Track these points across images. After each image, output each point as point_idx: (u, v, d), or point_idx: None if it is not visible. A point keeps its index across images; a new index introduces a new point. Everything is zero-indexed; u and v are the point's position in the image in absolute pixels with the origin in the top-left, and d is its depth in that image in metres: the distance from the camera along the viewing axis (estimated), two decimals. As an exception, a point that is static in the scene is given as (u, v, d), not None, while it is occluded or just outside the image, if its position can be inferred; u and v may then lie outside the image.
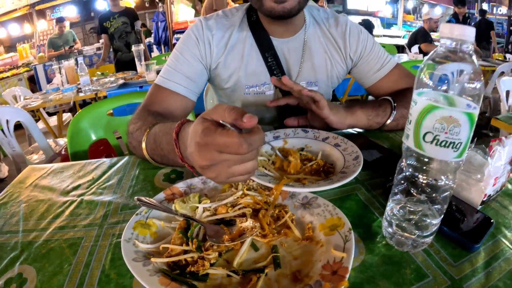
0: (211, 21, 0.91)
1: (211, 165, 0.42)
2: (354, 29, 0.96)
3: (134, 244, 0.44)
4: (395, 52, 4.32)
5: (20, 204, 0.64)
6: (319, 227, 0.47)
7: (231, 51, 0.91)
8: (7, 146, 2.16)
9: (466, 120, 0.35)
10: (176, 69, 0.86)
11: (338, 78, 1.02)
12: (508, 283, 0.42)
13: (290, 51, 0.94)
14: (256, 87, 0.95)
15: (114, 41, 3.68)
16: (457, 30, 0.35)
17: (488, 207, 0.56)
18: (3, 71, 6.21)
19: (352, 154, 0.66)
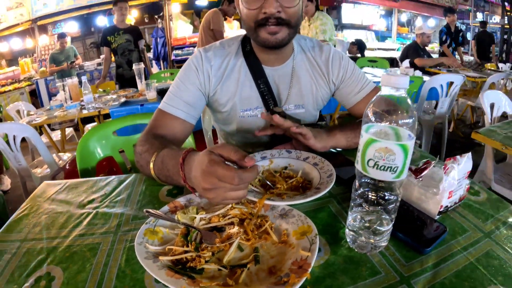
0: (210, 52, 1.02)
1: (211, 188, 0.55)
2: (336, 56, 1.09)
3: (145, 246, 0.55)
4: (387, 66, 4.42)
5: (41, 215, 0.74)
6: (293, 233, 0.58)
7: (227, 79, 1.03)
8: (13, 160, 2.26)
9: (399, 150, 0.47)
10: (177, 96, 0.98)
11: (323, 100, 1.13)
12: (453, 281, 0.51)
13: (280, 78, 1.06)
14: (249, 111, 1.06)
15: (116, 57, 3.77)
16: (394, 80, 0.47)
17: (448, 217, 0.67)
18: (5, 84, 6.31)
19: (327, 172, 0.78)
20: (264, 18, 0.88)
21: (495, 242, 0.60)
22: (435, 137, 3.46)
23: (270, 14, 0.87)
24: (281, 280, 0.48)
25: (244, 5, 0.90)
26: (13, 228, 0.70)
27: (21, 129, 2.19)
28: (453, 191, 0.65)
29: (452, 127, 4.14)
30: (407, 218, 0.64)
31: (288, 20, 0.89)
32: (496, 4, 10.49)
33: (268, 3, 0.86)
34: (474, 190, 0.77)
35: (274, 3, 0.85)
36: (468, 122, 4.53)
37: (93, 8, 6.49)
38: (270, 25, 0.88)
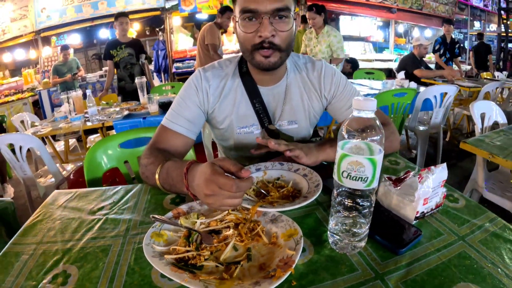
0: (209, 72, 1.11)
1: (211, 194, 0.65)
2: (328, 72, 1.17)
3: (151, 247, 0.63)
4: (384, 77, 4.50)
5: (55, 221, 0.82)
6: (281, 235, 0.66)
7: (225, 98, 1.11)
8: (19, 169, 2.34)
9: (368, 163, 0.56)
10: (178, 113, 1.07)
11: (315, 115, 1.21)
12: (424, 279, 0.58)
13: (274, 96, 1.14)
14: (246, 128, 1.14)
15: (119, 70, 3.85)
16: (363, 103, 0.56)
17: (425, 222, 0.74)
18: (8, 94, 6.42)
19: (315, 182, 0.86)
20: (260, 42, 0.96)
21: (468, 245, 0.67)
22: (431, 147, 3.54)
23: (265, 37, 0.95)
24: (269, 274, 0.56)
25: (241, 29, 0.98)
26: (28, 232, 0.78)
27: (27, 140, 2.27)
28: (428, 198, 0.72)
29: (448, 136, 4.22)
30: (386, 223, 0.72)
31: (280, 46, 0.97)
32: (493, 13, 10.63)
33: (263, 27, 0.93)
34: (454, 198, 0.85)
35: (268, 27, 0.93)
36: (465, 131, 4.61)
37: (95, 21, 6.57)
38: (264, 49, 0.96)
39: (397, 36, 9.67)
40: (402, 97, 2.62)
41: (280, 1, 0.93)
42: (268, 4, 0.92)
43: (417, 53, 4.26)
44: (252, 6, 0.93)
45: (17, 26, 6.64)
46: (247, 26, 0.96)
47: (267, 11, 0.93)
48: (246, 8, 0.94)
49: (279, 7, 0.93)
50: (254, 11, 0.93)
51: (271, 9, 0.93)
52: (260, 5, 0.92)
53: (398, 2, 7.86)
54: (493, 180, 1.95)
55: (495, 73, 6.04)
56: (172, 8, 6.65)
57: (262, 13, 0.93)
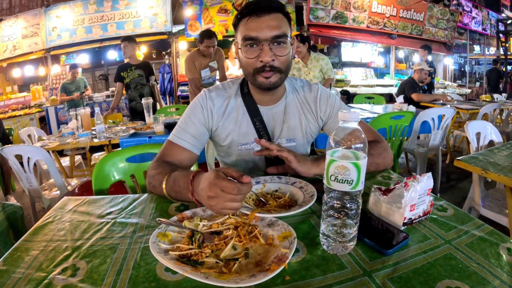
0: (213, 93, 1.20)
1: (214, 196, 0.71)
2: (324, 94, 1.26)
3: (157, 244, 0.69)
4: (384, 102, 4.64)
5: (65, 223, 0.88)
6: (277, 237, 0.72)
7: (227, 117, 1.20)
8: (25, 181, 2.40)
9: (352, 167, 0.62)
10: (185, 130, 1.15)
11: (311, 135, 1.29)
12: (410, 276, 0.62)
13: (273, 115, 1.22)
14: (247, 145, 1.22)
15: (130, 91, 3.97)
16: (347, 115, 0.63)
17: (413, 228, 0.79)
18: (16, 109, 6.59)
19: (310, 193, 0.93)
20: (261, 66, 1.06)
21: (454, 247, 0.71)
22: (431, 169, 3.58)
23: (266, 62, 1.05)
24: (264, 268, 0.61)
25: (244, 55, 1.08)
26: (39, 231, 0.84)
27: (36, 152, 2.34)
28: (415, 205, 0.78)
29: (448, 158, 4.27)
30: (375, 228, 0.77)
31: (279, 68, 1.08)
32: (491, 36, 10.82)
33: (264, 53, 1.04)
34: (442, 207, 0.90)
35: (269, 52, 1.04)
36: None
37: (104, 42, 6.76)
38: (265, 71, 1.07)
39: (398, 61, 9.82)
40: (400, 119, 2.69)
41: (278, 29, 1.04)
42: (268, 32, 1.03)
43: (417, 78, 4.37)
44: (253, 34, 1.03)
45: (28, 43, 6.84)
46: (249, 52, 1.07)
47: (266, 38, 1.03)
48: (247, 36, 1.04)
49: (277, 34, 1.04)
50: (255, 38, 1.04)
51: (270, 37, 1.03)
52: (260, 33, 1.03)
53: (398, 28, 8.07)
54: (491, 198, 2.00)
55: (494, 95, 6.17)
56: (178, 32, 6.87)
57: (262, 40, 1.03)
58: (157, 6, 6.68)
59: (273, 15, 1.04)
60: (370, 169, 1.13)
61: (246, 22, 1.05)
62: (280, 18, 1.06)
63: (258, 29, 1.03)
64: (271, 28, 1.03)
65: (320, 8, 7.10)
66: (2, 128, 3.72)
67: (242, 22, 1.07)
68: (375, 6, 7.60)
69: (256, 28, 1.03)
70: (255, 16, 1.03)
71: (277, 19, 1.05)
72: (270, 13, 1.04)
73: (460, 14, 9.14)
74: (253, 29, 1.03)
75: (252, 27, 1.04)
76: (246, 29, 1.05)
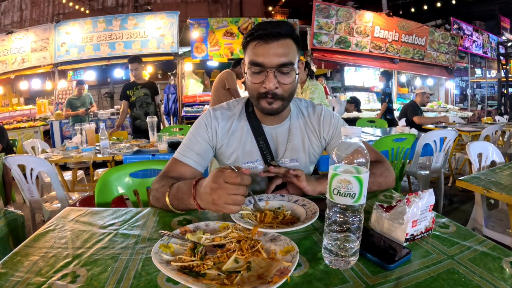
0: (218, 112, 1.23)
1: (217, 188, 0.75)
2: (327, 115, 1.28)
3: (159, 255, 0.69)
4: (386, 125, 4.67)
5: (66, 231, 0.88)
6: (279, 252, 0.72)
7: (232, 135, 1.21)
8: (26, 191, 2.40)
9: (355, 180, 0.63)
10: (189, 147, 1.18)
11: (314, 155, 1.30)
12: None
13: (277, 135, 1.24)
14: (250, 163, 1.23)
15: (135, 109, 4.02)
16: (349, 130, 0.65)
17: (415, 244, 0.79)
18: (21, 121, 6.66)
19: (312, 210, 0.93)
20: (265, 92, 1.08)
21: (456, 262, 0.71)
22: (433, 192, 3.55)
23: (269, 89, 1.07)
24: (266, 281, 0.61)
25: (249, 79, 1.10)
26: (40, 238, 0.84)
27: (39, 163, 2.36)
28: (417, 221, 0.78)
29: (450, 181, 4.25)
30: (377, 244, 0.77)
31: (282, 95, 1.10)
32: (492, 59, 10.95)
33: (268, 80, 1.06)
34: (444, 224, 0.90)
35: (273, 80, 1.06)
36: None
37: (111, 60, 6.91)
38: (268, 97, 1.09)
39: (400, 86, 9.93)
40: (402, 142, 2.70)
41: (284, 56, 1.05)
42: (274, 59, 1.04)
43: (419, 101, 4.43)
44: (260, 60, 1.05)
45: (36, 56, 6.99)
46: (254, 76, 1.09)
47: (272, 65, 1.05)
48: (254, 61, 1.06)
49: (283, 63, 1.05)
50: (261, 65, 1.05)
51: (276, 64, 1.05)
52: (266, 59, 1.04)
53: (400, 53, 8.21)
54: (494, 218, 2.00)
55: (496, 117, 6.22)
56: (184, 54, 7.02)
57: (268, 67, 1.05)
58: (165, 27, 6.85)
59: (281, 42, 1.04)
60: (372, 188, 1.13)
61: (254, 47, 1.06)
62: (289, 44, 1.06)
63: (264, 55, 1.04)
64: (277, 56, 1.04)
65: (323, 33, 7.26)
66: (6, 138, 3.75)
67: (250, 45, 1.08)
68: (377, 31, 7.77)
69: (263, 54, 1.04)
70: (263, 42, 1.04)
71: (285, 46, 1.05)
72: (278, 39, 1.04)
73: (461, 38, 9.31)
74: (260, 55, 1.04)
75: (259, 52, 1.05)
76: (253, 53, 1.06)
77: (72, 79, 7.73)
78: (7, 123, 6.45)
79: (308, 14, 7.35)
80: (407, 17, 8.51)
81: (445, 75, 9.30)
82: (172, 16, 6.87)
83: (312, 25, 7.11)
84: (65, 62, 6.97)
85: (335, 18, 7.25)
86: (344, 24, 7.37)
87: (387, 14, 7.96)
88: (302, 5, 12.03)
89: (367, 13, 7.61)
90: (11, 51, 7.07)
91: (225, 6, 9.53)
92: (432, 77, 9.62)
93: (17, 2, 9.97)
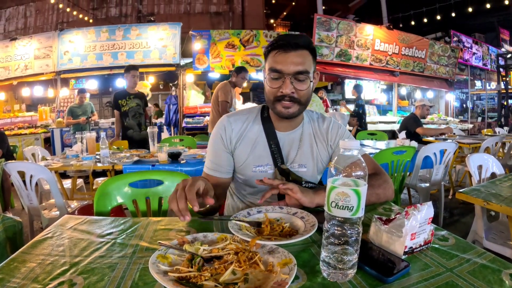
0: (232, 117, 1.31)
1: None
2: (335, 125, 1.35)
3: (157, 265, 0.69)
4: (386, 138, 4.66)
5: (64, 239, 0.88)
6: (277, 264, 0.72)
7: (245, 138, 1.28)
8: (25, 198, 2.40)
9: (353, 193, 0.63)
10: (213, 161, 1.29)
11: (322, 163, 1.34)
12: None
13: (289, 141, 1.30)
14: (261, 167, 1.28)
15: (128, 119, 3.95)
16: (348, 143, 0.66)
17: (414, 257, 0.78)
18: (22, 127, 6.69)
19: (311, 223, 0.93)
20: (281, 95, 1.16)
21: (455, 275, 0.70)
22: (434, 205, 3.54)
23: (285, 94, 1.15)
24: (263, 292, 0.60)
25: (268, 84, 1.19)
26: (37, 245, 0.84)
27: (39, 170, 2.36)
28: (416, 233, 0.78)
29: (451, 193, 4.24)
30: (376, 257, 0.77)
31: (299, 99, 1.18)
32: (492, 71, 11.03)
33: (285, 85, 1.14)
34: (444, 237, 0.90)
35: (289, 85, 1.14)
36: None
37: (113, 70, 6.97)
38: (285, 101, 1.16)
39: (400, 98, 9.98)
40: (402, 154, 2.70)
41: (301, 65, 1.14)
42: (292, 67, 1.13)
43: (419, 113, 4.44)
44: (278, 67, 1.14)
45: (39, 64, 7.08)
46: (272, 82, 1.18)
47: (289, 72, 1.14)
48: (273, 67, 1.16)
49: (299, 70, 1.14)
50: (279, 71, 1.15)
51: (293, 71, 1.14)
52: (284, 67, 1.14)
53: (400, 66, 8.28)
54: (494, 230, 1.99)
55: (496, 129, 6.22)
56: (186, 65, 7.08)
57: (285, 73, 1.14)
58: (167, 38, 6.93)
59: (299, 52, 1.14)
60: (371, 199, 1.14)
61: (274, 55, 1.16)
62: (305, 55, 1.16)
63: (283, 63, 1.14)
64: (295, 64, 1.13)
65: (324, 46, 7.34)
66: (7, 144, 3.76)
67: (271, 54, 1.18)
68: (378, 44, 7.84)
69: (281, 62, 1.14)
70: (282, 51, 1.14)
71: (302, 56, 1.15)
72: (296, 50, 1.14)
73: (461, 50, 9.40)
74: (279, 63, 1.14)
75: (278, 60, 1.15)
76: (273, 61, 1.16)
77: (74, 88, 7.78)
78: (8, 129, 6.48)
79: (309, 27, 7.44)
80: (407, 30, 8.63)
81: (445, 88, 9.36)
82: (175, 27, 6.97)
83: (313, 38, 7.18)
84: (68, 70, 7.05)
85: (336, 31, 7.34)
86: (344, 37, 7.46)
87: (388, 27, 8.05)
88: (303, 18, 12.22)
89: (367, 26, 7.70)
90: (15, 58, 7.16)
91: (227, 19, 9.67)
92: (432, 89, 9.69)
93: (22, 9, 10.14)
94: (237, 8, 9.84)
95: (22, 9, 10.10)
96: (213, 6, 9.81)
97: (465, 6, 9.45)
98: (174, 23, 7.08)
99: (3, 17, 10.17)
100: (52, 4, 9.40)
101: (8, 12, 10.17)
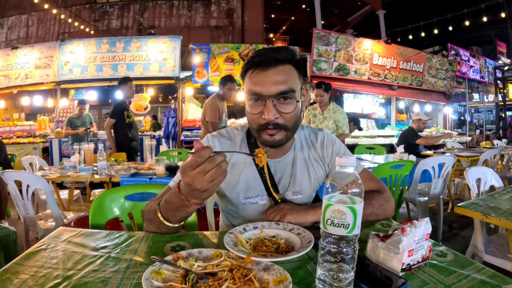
0: (216, 140, 1.16)
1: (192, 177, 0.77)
2: (329, 140, 1.24)
3: (150, 281, 0.68)
4: (384, 152, 4.68)
5: (58, 252, 0.87)
6: (272, 281, 0.71)
7: (231, 168, 1.13)
8: (22, 208, 2.38)
9: (349, 211, 0.63)
10: None
11: (319, 182, 1.25)
12: None
13: (281, 168, 1.17)
14: (251, 198, 1.15)
15: (132, 130, 4.01)
16: (344, 160, 0.66)
17: (412, 274, 0.77)
18: (21, 136, 6.69)
19: (307, 240, 0.92)
20: (265, 123, 1.01)
21: None
22: (433, 219, 3.52)
23: (268, 120, 1.00)
24: (257, 310, 0.59)
25: (248, 110, 1.04)
26: (31, 256, 0.83)
27: (36, 180, 2.35)
28: (413, 250, 0.77)
29: (450, 207, 4.22)
30: (373, 274, 0.76)
31: (285, 125, 1.03)
32: (489, 84, 11.10)
33: (267, 111, 0.99)
34: (442, 253, 0.89)
35: (272, 110, 0.99)
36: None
37: (113, 81, 6.96)
38: (269, 129, 1.02)
39: (399, 112, 10.02)
40: (400, 168, 2.70)
41: (284, 84, 0.99)
42: (272, 87, 0.98)
43: (416, 127, 4.48)
44: (257, 89, 0.99)
45: (40, 73, 7.13)
46: (253, 106, 1.03)
47: (270, 94, 0.98)
48: (251, 90, 1.01)
49: (283, 90, 0.99)
50: (259, 94, 1.00)
51: (275, 93, 0.98)
52: (264, 88, 0.98)
53: (398, 80, 8.35)
54: (494, 244, 1.98)
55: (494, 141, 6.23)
56: (186, 78, 7.14)
57: (266, 96, 0.99)
58: (167, 51, 6.99)
59: (280, 68, 0.99)
60: (370, 218, 1.10)
61: (251, 75, 1.01)
62: (288, 70, 1.01)
63: (262, 83, 0.98)
64: (276, 84, 0.98)
65: (323, 60, 7.41)
66: (4, 153, 3.76)
67: (248, 74, 1.03)
68: (376, 58, 7.92)
69: (260, 82, 0.99)
70: (260, 70, 0.99)
71: (284, 72, 1.00)
72: (276, 65, 0.99)
73: (458, 63, 9.50)
74: (257, 84, 0.99)
75: (257, 81, 0.99)
76: (251, 83, 1.01)
77: (74, 98, 7.81)
78: (6, 138, 6.48)
79: (309, 41, 7.52)
80: (405, 44, 8.73)
81: (443, 101, 9.42)
82: (175, 40, 7.04)
83: (311, 53, 7.26)
84: (68, 80, 7.10)
85: (335, 46, 7.42)
86: (343, 52, 7.54)
87: (386, 41, 8.15)
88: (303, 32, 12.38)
89: (365, 41, 7.79)
90: (15, 66, 7.22)
91: (227, 33, 9.79)
92: (431, 103, 9.75)
93: (24, 18, 10.25)
94: (237, 22, 9.97)
95: (24, 18, 10.22)
96: (213, 20, 9.95)
97: (462, 20, 9.63)
98: (174, 36, 7.16)
99: (5, 25, 10.29)
100: (54, 14, 9.52)
101: (10, 20, 10.28)
